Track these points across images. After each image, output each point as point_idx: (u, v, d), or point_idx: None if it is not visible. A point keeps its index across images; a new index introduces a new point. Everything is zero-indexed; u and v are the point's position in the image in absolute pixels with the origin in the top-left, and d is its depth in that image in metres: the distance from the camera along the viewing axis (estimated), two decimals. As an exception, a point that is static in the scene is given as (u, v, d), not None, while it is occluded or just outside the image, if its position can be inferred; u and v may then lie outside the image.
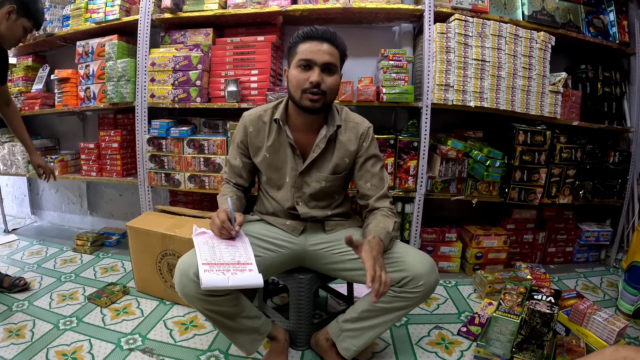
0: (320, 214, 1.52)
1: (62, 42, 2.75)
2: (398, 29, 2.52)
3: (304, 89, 1.32)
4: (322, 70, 1.32)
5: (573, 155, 2.35)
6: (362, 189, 1.49)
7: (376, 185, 1.46)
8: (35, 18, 1.80)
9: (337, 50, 1.35)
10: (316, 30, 1.32)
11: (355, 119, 1.50)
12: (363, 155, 1.48)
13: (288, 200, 1.51)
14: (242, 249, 1.31)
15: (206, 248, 1.27)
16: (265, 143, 1.48)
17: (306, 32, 1.33)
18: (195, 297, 1.24)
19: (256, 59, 2.31)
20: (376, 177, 1.47)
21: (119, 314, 1.86)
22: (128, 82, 2.40)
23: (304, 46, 1.32)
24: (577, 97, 2.39)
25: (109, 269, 2.37)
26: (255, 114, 1.50)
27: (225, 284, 1.17)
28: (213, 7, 2.29)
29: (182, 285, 1.24)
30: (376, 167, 1.48)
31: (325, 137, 1.43)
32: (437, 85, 2.13)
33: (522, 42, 2.18)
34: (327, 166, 1.47)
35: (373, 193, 1.46)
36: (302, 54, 1.32)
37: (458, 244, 2.39)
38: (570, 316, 1.72)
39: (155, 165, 2.44)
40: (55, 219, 3.33)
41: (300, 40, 1.34)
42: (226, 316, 1.34)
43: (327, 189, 1.49)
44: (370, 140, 1.49)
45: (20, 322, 1.78)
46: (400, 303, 1.32)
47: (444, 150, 2.20)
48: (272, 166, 1.50)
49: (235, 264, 1.24)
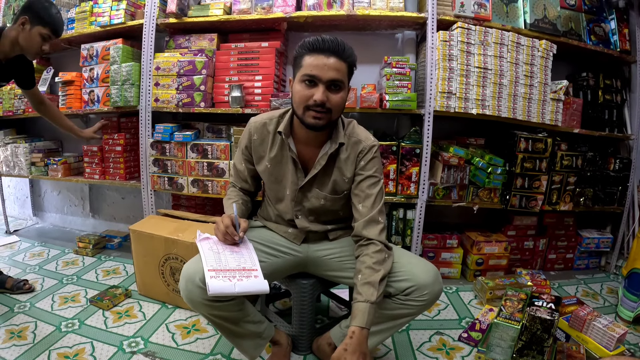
0: (319, 228, 1.50)
1: (67, 44, 2.77)
2: (401, 36, 2.54)
3: (308, 106, 1.26)
4: (327, 87, 1.24)
5: (574, 162, 2.37)
6: (353, 208, 1.40)
7: (368, 207, 1.36)
8: (51, 24, 1.79)
9: (345, 64, 1.26)
10: (323, 42, 1.23)
11: (359, 135, 1.42)
12: (360, 174, 1.39)
13: (288, 212, 1.50)
14: (247, 255, 1.32)
15: (211, 254, 1.28)
16: (268, 153, 1.45)
17: (312, 43, 1.24)
18: (200, 303, 1.24)
19: (260, 64, 2.32)
20: (369, 199, 1.36)
21: (121, 317, 1.87)
22: (132, 86, 2.42)
23: (309, 59, 1.23)
24: (578, 105, 2.41)
25: (111, 272, 2.38)
26: (260, 121, 1.46)
27: (232, 290, 1.18)
28: (218, 13, 2.31)
29: (187, 291, 1.24)
30: (372, 189, 1.38)
31: (327, 154, 1.37)
32: (440, 93, 2.15)
33: (524, 50, 2.20)
34: (327, 184, 1.42)
35: (362, 217, 1.35)
36: (306, 68, 1.24)
37: (459, 250, 2.40)
38: (571, 322, 1.73)
39: (158, 169, 2.45)
40: (57, 221, 3.34)
41: (305, 52, 1.25)
42: (230, 321, 1.34)
43: (327, 207, 1.46)
44: (370, 159, 1.39)
45: (22, 323, 1.78)
46: (405, 311, 1.32)
47: (445, 157, 2.21)
48: (273, 177, 1.47)
49: (241, 270, 1.25)
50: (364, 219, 1.34)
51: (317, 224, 1.50)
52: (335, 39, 1.24)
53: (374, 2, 2.25)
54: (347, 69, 1.29)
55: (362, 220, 1.35)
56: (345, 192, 1.43)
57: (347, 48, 1.26)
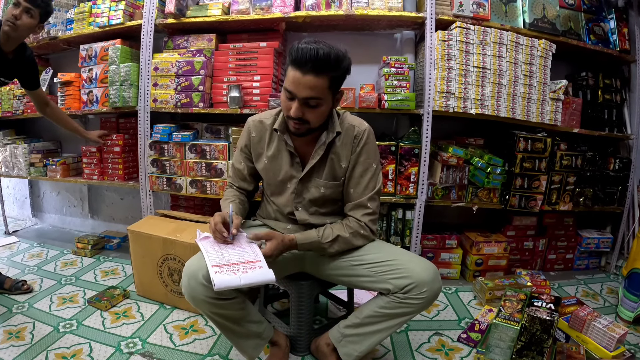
0: (319, 221, 1.51)
1: (66, 45, 2.77)
2: (400, 36, 2.54)
3: (288, 115, 1.30)
4: (303, 103, 1.26)
5: (573, 162, 2.36)
6: (345, 193, 1.48)
7: (358, 193, 1.44)
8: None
9: (326, 78, 1.24)
10: (302, 56, 1.19)
11: (352, 121, 1.46)
12: (354, 160, 1.44)
13: (288, 205, 1.52)
14: (248, 249, 1.32)
15: (213, 251, 1.28)
16: (266, 150, 1.50)
17: (294, 54, 1.21)
18: (203, 301, 1.24)
19: (259, 64, 2.32)
20: (360, 185, 1.44)
21: (119, 318, 1.86)
22: (131, 86, 2.41)
23: (290, 72, 1.24)
24: (577, 105, 2.41)
25: (110, 273, 2.37)
26: (258, 119, 1.52)
27: (238, 282, 1.17)
28: (216, 13, 2.30)
29: (190, 288, 1.24)
30: (365, 175, 1.44)
31: (325, 143, 1.41)
32: (439, 93, 2.14)
33: (523, 50, 2.19)
34: (325, 172, 1.46)
35: (351, 200, 1.45)
36: (287, 81, 1.26)
37: (458, 250, 2.39)
38: (571, 323, 1.73)
39: (157, 170, 2.45)
40: (56, 221, 3.34)
41: (290, 61, 1.25)
42: (232, 320, 1.34)
43: (327, 196, 1.49)
44: (364, 144, 1.43)
45: (20, 324, 1.78)
46: (404, 309, 1.32)
47: (444, 157, 2.21)
48: (271, 172, 1.51)
49: (244, 262, 1.24)
50: (353, 202, 1.45)
51: (316, 216, 1.51)
52: (317, 51, 1.19)
53: (373, 2, 2.24)
54: (329, 83, 1.26)
55: (351, 204, 1.45)
56: (343, 179, 1.47)
57: (332, 60, 1.22)
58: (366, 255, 1.42)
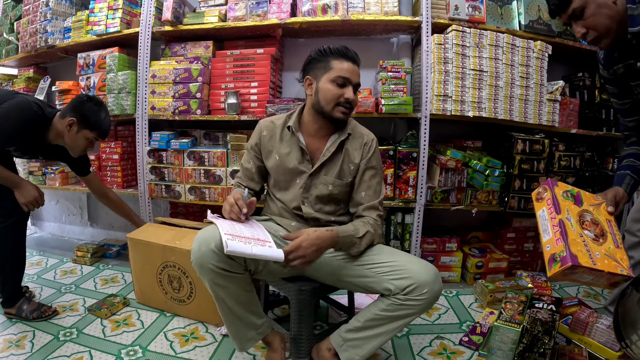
0: (323, 217, 1.55)
1: (64, 53, 2.78)
2: (396, 40, 2.55)
3: (338, 103, 1.44)
4: (353, 88, 1.46)
5: (572, 162, 2.36)
6: (355, 197, 1.55)
7: (370, 196, 1.53)
8: (99, 128, 1.78)
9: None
10: (350, 52, 1.46)
11: (361, 130, 1.60)
12: (364, 165, 1.53)
13: (295, 200, 1.55)
14: (259, 230, 1.36)
15: (226, 224, 1.30)
16: (277, 147, 1.56)
17: (341, 51, 1.45)
18: (209, 269, 1.27)
19: (256, 71, 2.33)
20: (371, 189, 1.54)
21: (119, 326, 1.85)
22: (129, 94, 2.42)
23: (341, 65, 1.43)
24: (574, 105, 2.41)
25: (109, 281, 2.37)
26: (269, 120, 1.62)
27: (250, 251, 1.19)
28: (213, 20, 2.32)
29: (200, 253, 1.27)
30: (374, 179, 1.54)
31: (336, 142, 1.51)
32: (436, 96, 2.15)
33: (519, 52, 2.20)
34: (334, 170, 1.53)
35: (364, 202, 1.52)
36: (340, 72, 1.43)
37: (459, 253, 2.39)
38: (571, 326, 1.72)
39: (155, 177, 2.45)
40: (56, 230, 3.33)
41: (333, 57, 1.45)
42: (234, 299, 1.36)
43: (333, 194, 1.54)
44: (373, 152, 1.56)
45: (20, 332, 1.77)
46: (405, 311, 1.32)
47: (443, 161, 2.21)
48: (281, 168, 1.55)
49: (256, 239, 1.27)
50: (366, 204, 1.52)
51: (321, 213, 1.55)
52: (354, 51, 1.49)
53: (369, 7, 2.26)
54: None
55: (363, 205, 1.52)
56: (349, 180, 1.55)
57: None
58: (367, 257, 1.43)
